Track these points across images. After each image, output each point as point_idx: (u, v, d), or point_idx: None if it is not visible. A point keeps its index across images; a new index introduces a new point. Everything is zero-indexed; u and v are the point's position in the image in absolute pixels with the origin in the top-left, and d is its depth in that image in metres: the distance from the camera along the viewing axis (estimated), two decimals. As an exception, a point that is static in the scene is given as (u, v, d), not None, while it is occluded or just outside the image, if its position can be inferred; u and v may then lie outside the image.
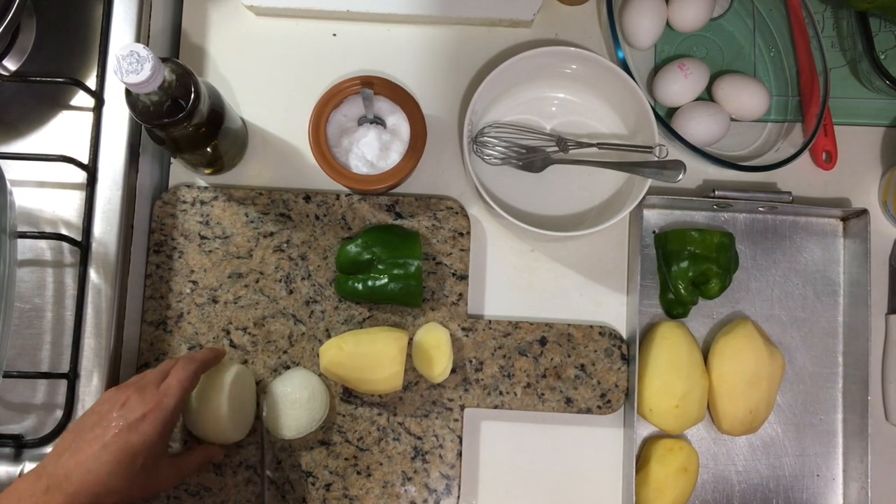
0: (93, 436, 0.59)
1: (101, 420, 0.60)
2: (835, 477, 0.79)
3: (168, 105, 0.63)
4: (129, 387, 0.63)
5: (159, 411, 0.61)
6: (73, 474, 0.57)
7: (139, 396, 0.61)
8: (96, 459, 0.58)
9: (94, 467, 0.57)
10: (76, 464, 0.57)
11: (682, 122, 0.80)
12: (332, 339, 0.74)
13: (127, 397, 0.61)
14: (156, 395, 0.62)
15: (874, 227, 0.79)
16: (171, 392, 0.63)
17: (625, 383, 0.77)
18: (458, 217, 0.79)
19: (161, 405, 0.61)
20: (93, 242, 0.73)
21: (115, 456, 0.58)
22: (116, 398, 0.62)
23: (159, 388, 0.63)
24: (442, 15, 0.81)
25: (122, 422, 0.59)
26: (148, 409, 0.61)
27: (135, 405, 0.61)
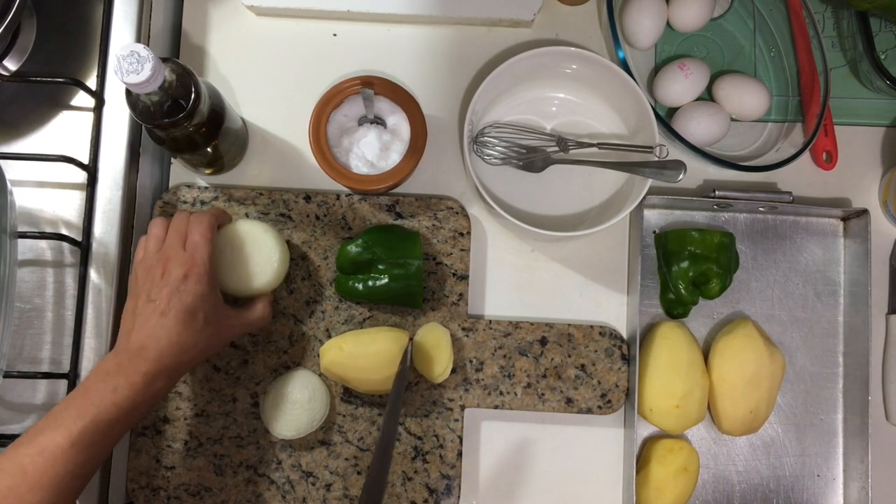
0: (149, 309, 0.63)
1: (149, 294, 0.64)
2: (835, 477, 0.79)
3: (168, 105, 0.63)
4: (159, 259, 0.66)
5: (197, 266, 0.65)
6: (148, 344, 0.61)
7: (173, 262, 0.65)
8: (161, 327, 0.62)
9: (162, 334, 0.62)
10: (146, 336, 0.62)
11: (683, 122, 0.80)
12: (333, 340, 0.74)
13: (163, 269, 0.65)
14: (187, 255, 0.66)
15: (874, 227, 0.79)
16: (199, 247, 0.66)
17: (625, 383, 0.77)
18: (459, 217, 0.79)
19: (196, 260, 0.65)
20: (93, 242, 0.73)
21: (177, 319, 0.63)
22: (153, 273, 0.65)
23: (186, 248, 0.66)
24: (442, 15, 0.81)
25: (169, 288, 0.63)
26: (186, 269, 0.65)
27: (174, 270, 0.64)
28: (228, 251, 0.72)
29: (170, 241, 0.67)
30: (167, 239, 0.68)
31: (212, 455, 0.75)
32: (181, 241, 0.67)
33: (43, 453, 0.55)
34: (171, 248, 0.66)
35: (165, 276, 0.64)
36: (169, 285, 0.64)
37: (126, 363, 0.60)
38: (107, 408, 0.57)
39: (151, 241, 0.68)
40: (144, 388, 0.60)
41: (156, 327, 0.62)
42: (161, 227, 0.69)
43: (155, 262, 0.66)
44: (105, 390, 0.58)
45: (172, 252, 0.66)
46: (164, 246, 0.67)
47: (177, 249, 0.66)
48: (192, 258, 0.65)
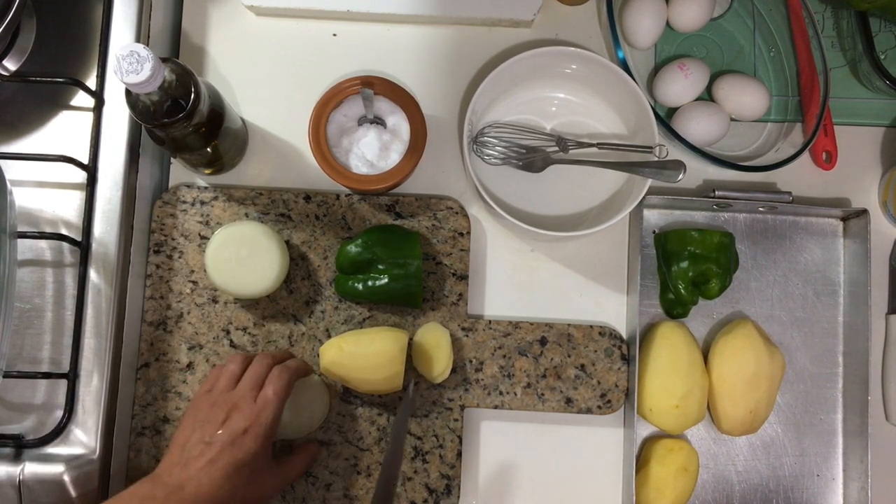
0: (199, 452, 0.62)
1: (204, 433, 0.63)
2: (835, 477, 0.79)
3: (168, 105, 0.63)
4: (227, 402, 0.65)
5: (259, 426, 0.64)
6: (187, 485, 0.60)
7: (238, 413, 0.64)
8: (207, 475, 0.61)
9: (205, 481, 0.61)
10: (188, 477, 0.61)
11: (682, 122, 0.80)
12: (332, 340, 0.74)
13: (227, 415, 0.64)
14: (255, 409, 0.65)
15: (874, 227, 0.79)
16: (270, 405, 0.65)
17: (625, 383, 0.77)
18: (458, 217, 0.79)
19: (261, 420, 0.64)
20: (93, 242, 0.73)
21: (224, 471, 0.61)
22: (215, 414, 0.64)
23: (256, 401, 0.65)
24: (442, 15, 0.81)
25: (227, 437, 0.63)
26: (249, 424, 0.64)
27: (236, 421, 0.64)
28: (228, 256, 0.72)
29: (243, 387, 0.66)
30: (242, 382, 0.67)
31: (212, 455, 0.75)
32: (255, 390, 0.66)
33: None
34: (242, 396, 0.66)
35: (227, 423, 0.64)
36: (227, 434, 0.63)
37: (161, 499, 0.59)
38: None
39: (225, 377, 0.68)
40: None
41: (200, 472, 0.61)
42: (239, 366, 0.68)
43: (221, 402, 0.65)
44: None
45: (242, 401, 0.65)
46: (236, 388, 0.66)
47: (247, 399, 0.65)
48: (259, 415, 0.64)
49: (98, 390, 0.71)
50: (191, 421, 0.65)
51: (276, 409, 0.65)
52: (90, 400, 0.71)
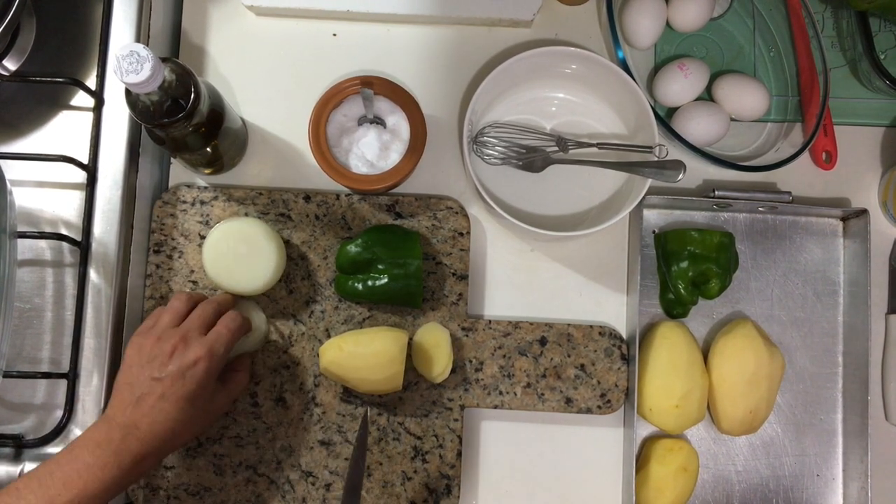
0: (148, 389, 0.62)
1: (151, 373, 0.63)
2: (835, 477, 0.79)
3: (168, 105, 0.63)
4: (172, 336, 0.65)
5: (209, 359, 0.64)
6: (141, 423, 0.61)
7: (185, 346, 0.64)
8: (160, 410, 0.62)
9: (159, 417, 0.62)
10: (141, 415, 0.61)
11: (682, 122, 0.80)
12: (332, 339, 0.74)
13: (173, 348, 0.64)
14: (205, 343, 0.65)
15: (874, 227, 0.79)
16: (222, 339, 0.66)
17: (625, 383, 0.77)
18: (458, 217, 0.79)
19: (213, 351, 0.65)
20: (93, 242, 0.73)
21: (177, 405, 0.62)
22: (162, 347, 0.64)
23: (206, 335, 0.66)
24: (442, 15, 0.81)
25: (176, 370, 0.63)
26: (198, 356, 0.64)
27: (185, 354, 0.64)
28: (226, 251, 0.72)
29: (192, 322, 0.67)
30: (190, 318, 0.67)
31: (211, 455, 0.75)
32: (204, 326, 0.67)
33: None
34: (192, 329, 0.66)
35: (175, 355, 0.64)
36: (176, 367, 0.63)
37: (118, 440, 0.60)
38: (93, 482, 0.58)
39: (168, 314, 0.68)
40: (131, 468, 0.60)
41: (153, 409, 0.62)
42: (183, 304, 0.69)
43: (167, 337, 0.65)
44: (94, 465, 0.58)
45: (190, 335, 0.65)
46: (183, 324, 0.67)
47: (195, 334, 0.66)
48: (211, 347, 0.65)
49: (98, 390, 0.71)
50: (136, 358, 0.65)
51: (227, 343, 0.66)
52: (90, 400, 0.71)
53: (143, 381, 0.63)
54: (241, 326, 0.69)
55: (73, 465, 0.58)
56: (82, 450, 0.59)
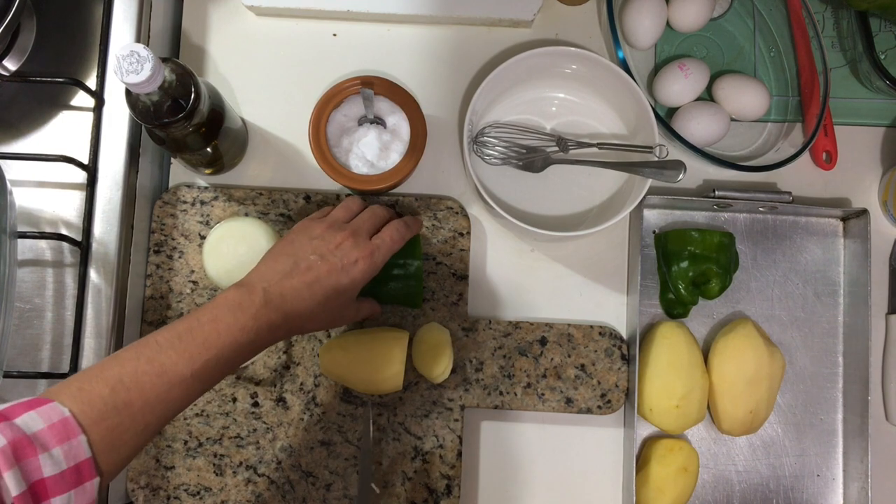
0: (307, 265, 0.63)
1: (314, 252, 0.64)
2: (835, 477, 0.79)
3: (168, 105, 0.63)
4: (343, 228, 0.67)
5: (369, 262, 0.66)
6: (288, 295, 0.62)
7: (353, 242, 0.66)
8: (309, 288, 0.62)
9: (306, 295, 0.62)
10: (292, 289, 0.62)
11: (683, 122, 0.80)
12: (333, 339, 0.74)
13: (343, 240, 0.65)
14: (369, 246, 0.66)
15: (874, 227, 0.79)
16: (384, 248, 0.68)
17: (625, 383, 0.77)
18: (459, 217, 0.79)
19: (372, 257, 0.66)
20: (93, 242, 0.73)
21: (326, 292, 0.63)
22: (333, 235, 0.66)
23: (372, 239, 0.67)
24: (442, 15, 0.82)
25: (338, 261, 0.64)
26: (360, 256, 0.65)
27: (349, 251, 0.65)
28: (226, 251, 0.72)
29: (362, 222, 0.68)
30: (361, 218, 0.69)
31: (212, 455, 0.75)
32: (371, 230, 0.68)
33: (163, 376, 0.54)
34: (361, 229, 0.67)
35: (341, 248, 0.65)
36: (339, 258, 0.64)
37: (258, 305, 0.59)
38: (231, 345, 0.57)
39: (342, 210, 0.70)
40: (267, 336, 0.60)
41: (303, 285, 0.62)
42: (357, 205, 0.71)
43: (338, 228, 0.67)
44: (234, 326, 0.58)
45: (359, 234, 0.67)
46: (354, 221, 0.68)
47: (364, 234, 0.67)
48: (373, 253, 0.66)
49: (98, 390, 0.71)
50: (303, 236, 0.66)
51: (386, 253, 0.68)
52: (90, 400, 0.71)
53: (304, 257, 0.63)
54: (404, 237, 0.70)
55: (213, 326, 0.57)
56: (223, 310, 0.59)
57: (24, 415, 0.48)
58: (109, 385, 0.52)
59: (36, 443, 0.46)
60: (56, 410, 0.49)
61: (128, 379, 0.53)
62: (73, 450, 0.48)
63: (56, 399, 0.50)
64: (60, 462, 0.47)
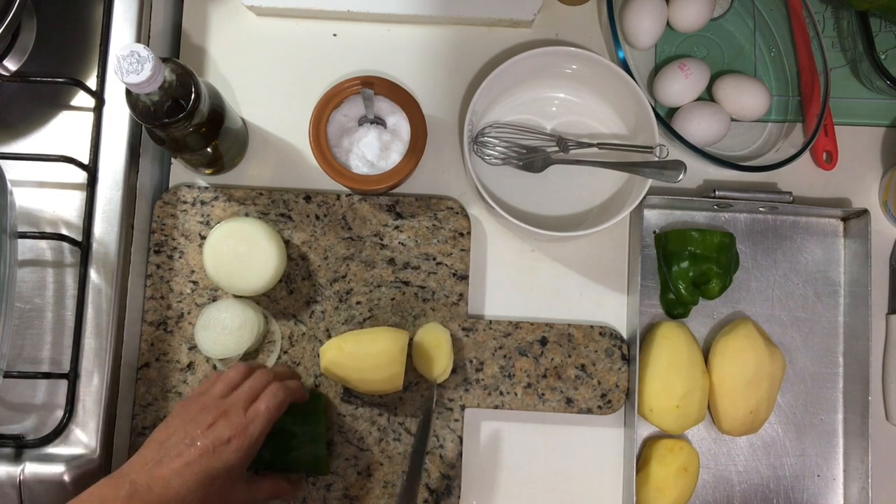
0: (177, 452, 0.60)
1: (185, 437, 0.61)
2: (835, 477, 0.79)
3: (168, 105, 0.63)
4: (217, 406, 0.63)
5: (244, 438, 0.62)
6: (155, 486, 0.58)
7: (225, 420, 0.62)
8: (179, 476, 0.59)
9: (175, 483, 0.59)
10: (159, 477, 0.59)
11: (683, 122, 0.80)
12: (333, 340, 0.74)
13: (215, 419, 0.62)
14: (242, 421, 0.63)
15: (874, 227, 0.79)
16: (259, 421, 0.64)
17: (625, 383, 0.77)
18: (459, 217, 0.79)
19: (247, 433, 0.63)
20: (93, 242, 0.73)
21: (197, 476, 0.59)
22: (204, 417, 0.62)
23: (246, 413, 0.64)
24: (442, 15, 0.81)
25: (209, 444, 0.61)
26: (233, 434, 0.62)
27: (221, 429, 0.62)
28: (226, 251, 0.72)
29: (237, 397, 0.65)
30: (239, 391, 0.66)
31: (212, 455, 0.75)
32: (248, 402, 0.65)
33: None
34: (234, 405, 0.64)
35: (213, 428, 0.62)
36: (210, 440, 0.61)
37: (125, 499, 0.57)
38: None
39: (221, 383, 0.66)
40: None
41: (173, 474, 0.59)
42: (239, 375, 0.67)
43: (212, 406, 0.63)
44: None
45: (233, 410, 0.63)
46: (231, 397, 0.65)
47: (238, 409, 0.64)
48: (246, 427, 0.63)
49: (98, 390, 0.71)
50: (177, 420, 0.63)
51: (264, 425, 0.64)
52: (90, 400, 0.71)
53: (175, 444, 0.61)
54: (283, 402, 0.66)
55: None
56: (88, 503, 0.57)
57: None
58: None
59: None
60: None
61: None
62: None
63: None
64: None
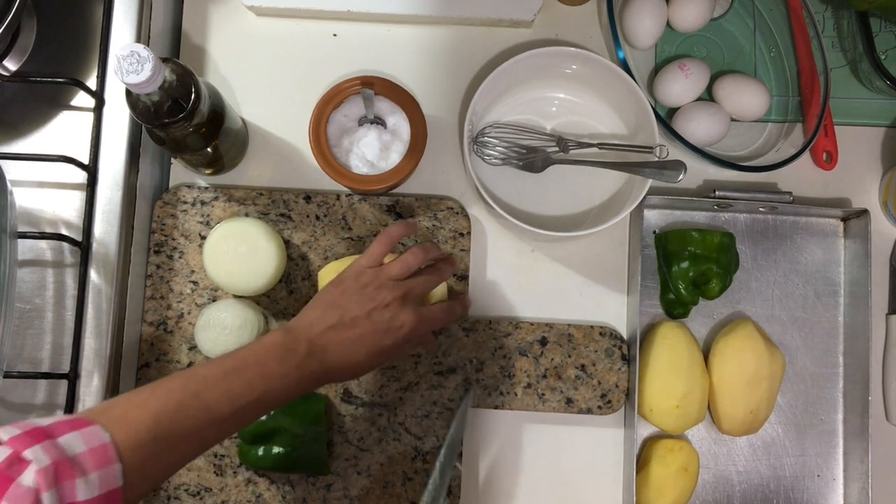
0: (352, 321, 0.63)
1: (361, 309, 0.63)
2: (835, 477, 0.79)
3: (168, 105, 0.63)
4: (395, 288, 0.65)
5: (415, 330, 0.65)
6: (331, 349, 0.62)
7: (404, 309, 0.64)
8: (353, 344, 0.63)
9: (350, 351, 0.62)
10: (336, 342, 0.62)
11: (683, 122, 0.80)
12: (332, 263, 0.74)
13: (392, 300, 0.64)
14: (417, 314, 0.65)
15: (874, 228, 0.79)
16: (433, 320, 0.67)
17: (625, 383, 0.77)
18: (459, 217, 0.79)
19: (419, 326, 0.65)
20: (93, 242, 0.73)
21: (369, 350, 0.63)
22: (382, 293, 0.64)
23: (421, 310, 0.66)
24: (442, 15, 0.81)
25: (385, 325, 0.64)
26: (407, 322, 0.64)
27: (399, 315, 0.64)
28: (226, 251, 0.72)
29: (417, 286, 0.66)
30: (417, 282, 0.66)
31: (212, 455, 0.75)
32: (423, 293, 0.67)
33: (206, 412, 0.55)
34: (414, 293, 0.66)
35: (390, 309, 0.64)
36: (385, 321, 0.63)
37: (302, 355, 0.60)
38: (273, 389, 0.58)
39: (400, 264, 0.66)
40: (307, 385, 0.61)
41: (347, 342, 0.62)
42: (417, 261, 0.67)
43: (391, 287, 0.65)
44: (277, 373, 0.59)
45: (409, 300, 0.65)
46: (409, 281, 0.66)
47: (413, 301, 0.66)
48: (421, 322, 0.65)
49: (98, 390, 0.71)
50: (353, 286, 0.65)
51: (437, 325, 0.68)
52: (90, 400, 0.71)
53: (351, 313, 0.63)
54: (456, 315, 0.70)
55: (259, 369, 0.58)
56: (269, 356, 0.59)
57: (68, 435, 0.48)
58: (153, 415, 0.52)
59: (76, 466, 0.47)
60: (98, 435, 0.49)
61: (172, 411, 0.53)
62: (107, 477, 0.48)
63: (99, 422, 0.50)
64: (94, 488, 0.47)
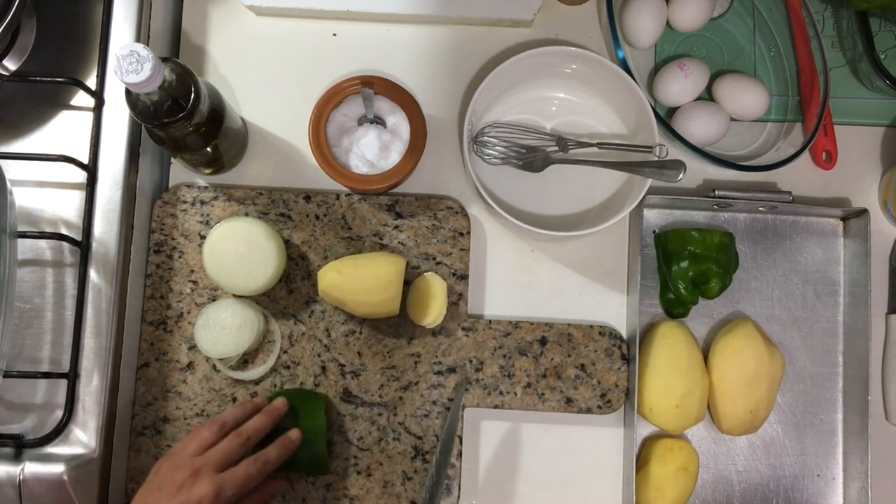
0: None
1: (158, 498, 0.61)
2: (835, 477, 0.79)
3: (168, 105, 0.63)
4: (188, 467, 0.63)
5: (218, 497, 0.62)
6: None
7: (194, 479, 0.62)
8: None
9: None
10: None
11: (682, 122, 0.80)
12: (332, 263, 0.74)
13: (183, 479, 0.62)
14: (216, 481, 0.62)
15: (874, 227, 0.79)
16: (233, 482, 0.63)
17: (625, 383, 0.77)
18: (459, 217, 0.79)
19: (219, 493, 0.62)
20: (93, 242, 0.73)
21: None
22: (175, 477, 0.62)
23: (218, 476, 0.63)
24: (442, 15, 0.82)
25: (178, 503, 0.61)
26: (204, 494, 0.61)
27: (191, 488, 0.61)
28: (226, 251, 0.72)
29: (210, 457, 0.64)
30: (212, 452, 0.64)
31: (212, 455, 0.75)
32: (222, 464, 0.64)
33: None
34: (207, 465, 0.63)
35: (183, 489, 0.61)
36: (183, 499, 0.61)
37: None
38: None
39: (194, 442, 0.65)
40: None
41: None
42: (212, 435, 0.66)
43: (183, 466, 0.63)
44: None
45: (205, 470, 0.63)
46: (202, 456, 0.64)
47: (211, 468, 0.63)
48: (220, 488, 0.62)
49: (98, 390, 0.71)
50: (152, 482, 0.63)
51: (241, 487, 0.63)
52: (90, 400, 0.71)
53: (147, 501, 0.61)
54: (261, 472, 0.66)
55: None
56: None
57: None
58: None
59: None
60: None
61: None
62: None
63: None
64: None
